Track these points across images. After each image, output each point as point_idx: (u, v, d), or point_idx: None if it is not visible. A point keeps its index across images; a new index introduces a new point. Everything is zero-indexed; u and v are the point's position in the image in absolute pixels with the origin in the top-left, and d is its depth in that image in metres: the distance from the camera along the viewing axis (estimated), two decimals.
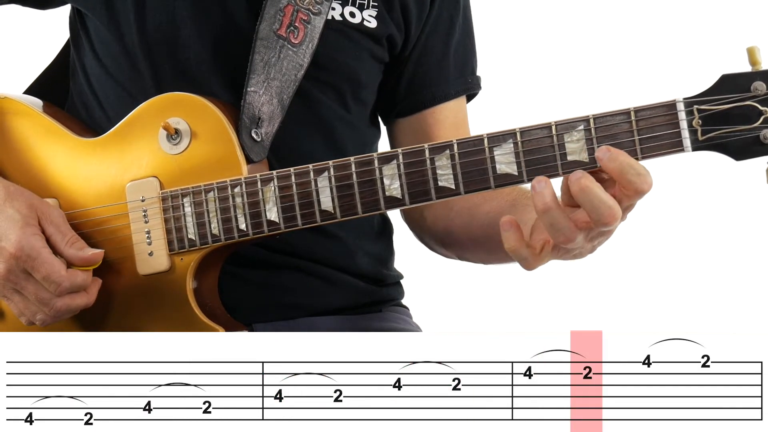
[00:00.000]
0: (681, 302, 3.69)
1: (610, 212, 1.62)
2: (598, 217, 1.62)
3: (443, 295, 3.41)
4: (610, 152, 1.63)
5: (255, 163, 1.90)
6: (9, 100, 2.02)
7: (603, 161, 1.63)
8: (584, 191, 1.62)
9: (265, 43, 1.93)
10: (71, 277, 1.84)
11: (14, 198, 1.87)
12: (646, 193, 1.64)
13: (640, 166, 1.63)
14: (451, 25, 2.12)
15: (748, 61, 1.62)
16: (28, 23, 2.62)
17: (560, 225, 1.64)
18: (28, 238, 1.83)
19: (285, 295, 2.03)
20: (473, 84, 2.16)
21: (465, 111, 2.18)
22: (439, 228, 2.11)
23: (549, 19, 3.85)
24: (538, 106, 3.54)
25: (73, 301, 1.85)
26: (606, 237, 1.70)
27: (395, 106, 2.13)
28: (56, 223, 1.87)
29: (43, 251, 1.83)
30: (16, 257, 1.82)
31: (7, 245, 1.83)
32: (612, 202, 1.62)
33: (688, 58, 3.57)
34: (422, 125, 2.12)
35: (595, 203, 1.62)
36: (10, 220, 1.84)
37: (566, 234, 1.64)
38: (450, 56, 2.13)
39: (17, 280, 1.84)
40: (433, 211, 2.11)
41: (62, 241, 1.86)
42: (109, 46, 2.03)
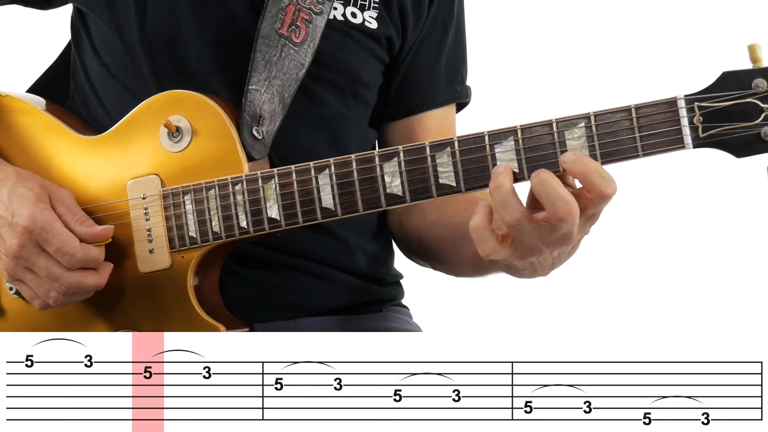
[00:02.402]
0: (681, 302, 3.69)
1: (566, 206, 1.63)
2: (554, 211, 1.63)
3: (443, 295, 3.41)
4: (574, 156, 1.65)
5: (256, 160, 1.90)
6: (11, 98, 2.03)
7: (567, 164, 1.65)
8: (542, 183, 1.64)
9: (266, 41, 1.93)
10: (85, 249, 1.85)
11: (26, 179, 1.89)
12: (610, 198, 1.65)
13: (604, 170, 1.65)
14: (444, 32, 2.13)
15: (749, 59, 1.62)
16: (31, 23, 2.62)
17: (509, 202, 1.65)
18: (41, 212, 1.84)
19: (285, 295, 2.03)
20: (462, 93, 2.17)
21: (453, 120, 2.18)
22: (414, 236, 2.11)
23: (550, 16, 3.85)
24: (539, 104, 3.54)
25: (84, 279, 1.86)
26: (565, 246, 1.70)
27: (385, 109, 2.13)
28: (67, 203, 1.88)
29: (56, 224, 1.84)
30: (29, 231, 1.83)
31: (20, 220, 1.83)
32: (569, 198, 1.63)
33: (689, 55, 3.57)
34: (409, 131, 2.13)
35: (552, 196, 1.63)
36: (23, 197, 1.85)
37: (513, 213, 1.65)
38: (441, 64, 2.13)
39: (29, 255, 1.84)
40: (409, 219, 2.12)
41: (73, 219, 1.87)
42: (109, 44, 2.03)
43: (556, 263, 1.74)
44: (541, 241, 1.67)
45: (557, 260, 1.73)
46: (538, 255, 1.69)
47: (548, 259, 1.72)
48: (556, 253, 1.71)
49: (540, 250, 1.69)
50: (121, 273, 1.92)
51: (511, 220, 1.65)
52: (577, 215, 1.64)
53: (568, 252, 1.73)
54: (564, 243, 1.68)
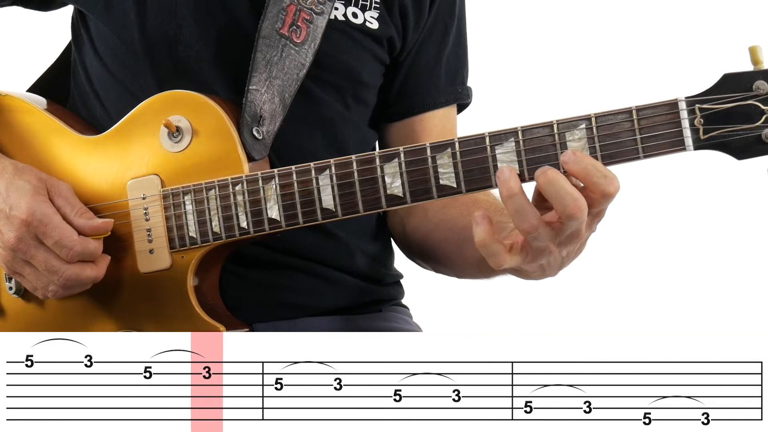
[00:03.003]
0: (681, 302, 3.69)
1: (575, 204, 1.62)
2: (563, 209, 1.63)
3: (443, 295, 3.41)
4: (575, 155, 1.64)
5: (256, 161, 1.90)
6: (11, 98, 2.03)
7: (568, 165, 1.64)
8: (550, 182, 1.63)
9: (267, 41, 1.93)
10: (83, 242, 1.85)
11: (23, 171, 1.88)
12: (613, 197, 1.64)
13: (606, 169, 1.64)
14: (445, 33, 2.12)
15: (750, 61, 1.62)
16: (32, 23, 2.62)
17: (525, 210, 1.64)
18: (39, 205, 1.84)
19: (285, 295, 2.03)
20: (463, 94, 2.16)
21: (454, 121, 2.18)
22: (417, 239, 2.11)
23: (551, 17, 3.85)
24: (540, 105, 3.54)
25: (82, 272, 1.86)
26: (574, 245, 1.69)
27: (386, 110, 2.13)
28: (65, 195, 1.88)
29: (55, 217, 1.84)
30: (27, 223, 1.83)
31: (18, 213, 1.83)
32: (577, 195, 1.63)
33: (690, 57, 3.57)
34: (410, 132, 2.12)
35: (561, 193, 1.62)
36: (20, 190, 1.85)
37: (530, 220, 1.64)
38: (442, 64, 2.13)
39: (27, 248, 1.84)
40: (412, 222, 2.11)
41: (72, 212, 1.87)
42: (109, 44, 2.03)
43: (564, 263, 1.74)
44: (552, 242, 1.67)
45: (566, 259, 1.73)
46: (548, 256, 1.69)
47: (557, 259, 1.71)
48: (564, 253, 1.71)
49: (550, 251, 1.68)
50: (121, 273, 1.92)
51: (528, 228, 1.65)
52: (586, 212, 1.63)
53: (576, 250, 1.73)
54: (573, 241, 1.68)
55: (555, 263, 1.72)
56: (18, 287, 1.96)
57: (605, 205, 1.66)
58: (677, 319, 3.65)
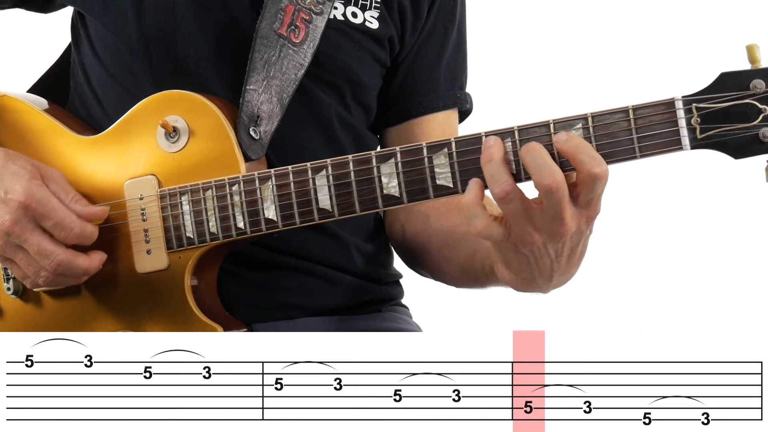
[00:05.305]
0: (681, 302, 3.69)
1: (552, 175, 1.61)
2: (540, 179, 1.62)
3: (443, 295, 3.40)
4: (568, 134, 1.64)
5: (253, 161, 1.90)
6: (8, 98, 2.03)
7: (558, 143, 1.64)
8: (530, 152, 1.63)
9: (265, 41, 1.93)
10: (82, 224, 1.85)
11: (16, 158, 1.88)
12: (601, 181, 1.62)
13: (594, 151, 1.63)
14: (445, 37, 2.12)
15: (748, 59, 1.62)
16: (32, 25, 2.62)
17: (499, 174, 1.64)
18: (37, 188, 1.84)
19: (284, 295, 2.03)
20: (462, 99, 2.15)
21: (455, 126, 2.17)
22: (416, 244, 2.10)
23: (548, 17, 3.85)
24: (537, 104, 3.54)
25: (75, 258, 1.85)
26: (558, 242, 1.67)
27: (385, 113, 2.13)
28: (59, 182, 1.88)
29: (53, 199, 1.84)
30: (25, 206, 1.82)
31: (15, 195, 1.83)
32: (555, 168, 1.62)
33: (687, 56, 3.57)
34: (410, 136, 2.11)
35: (539, 163, 1.62)
36: (15, 174, 1.85)
37: (502, 185, 1.64)
38: (441, 68, 2.12)
39: (22, 231, 1.83)
40: (412, 227, 2.11)
41: (66, 198, 1.87)
42: (108, 44, 2.03)
43: (555, 269, 1.71)
44: (532, 225, 1.65)
45: (555, 264, 1.70)
46: (531, 246, 1.67)
47: (544, 258, 1.69)
48: (552, 252, 1.69)
49: (532, 238, 1.66)
50: (118, 273, 1.92)
51: (499, 192, 1.64)
52: (564, 189, 1.62)
53: (568, 257, 1.70)
54: (557, 233, 1.66)
55: (543, 265, 1.70)
56: (16, 287, 1.96)
57: (595, 193, 1.64)
58: (677, 319, 3.65)
